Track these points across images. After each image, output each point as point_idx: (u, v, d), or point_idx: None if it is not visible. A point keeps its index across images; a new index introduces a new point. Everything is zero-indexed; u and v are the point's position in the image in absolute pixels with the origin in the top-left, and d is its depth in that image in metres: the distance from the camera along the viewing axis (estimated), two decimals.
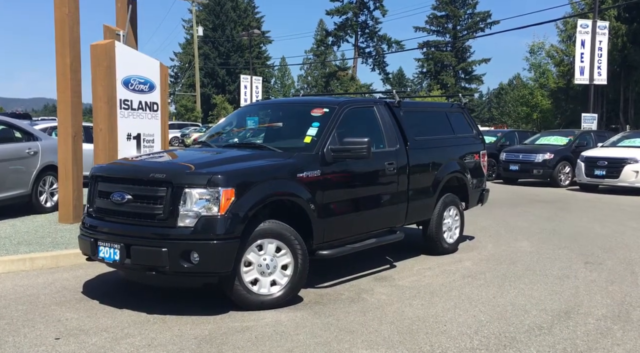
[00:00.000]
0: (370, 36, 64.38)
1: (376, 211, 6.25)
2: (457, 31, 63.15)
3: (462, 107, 8.26)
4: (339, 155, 5.69)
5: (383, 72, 66.93)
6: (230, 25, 61.91)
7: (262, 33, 65.91)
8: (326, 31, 65.63)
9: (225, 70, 61.84)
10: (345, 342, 4.39)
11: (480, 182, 8.18)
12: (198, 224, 4.71)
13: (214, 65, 62.03)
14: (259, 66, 65.31)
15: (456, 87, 61.43)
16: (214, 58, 62.39)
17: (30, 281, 5.98)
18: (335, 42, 65.04)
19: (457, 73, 63.90)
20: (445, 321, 4.89)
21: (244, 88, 36.88)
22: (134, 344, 4.25)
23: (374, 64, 66.22)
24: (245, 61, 62.59)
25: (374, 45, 65.34)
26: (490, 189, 8.88)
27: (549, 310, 5.23)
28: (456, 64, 63.01)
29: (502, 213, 11.51)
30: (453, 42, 63.25)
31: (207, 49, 62.15)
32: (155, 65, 9.07)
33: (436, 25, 63.21)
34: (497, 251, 7.78)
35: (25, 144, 9.23)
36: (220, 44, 62.68)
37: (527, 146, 19.70)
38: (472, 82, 64.94)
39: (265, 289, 5.10)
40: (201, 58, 60.70)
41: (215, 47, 62.69)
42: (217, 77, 61.97)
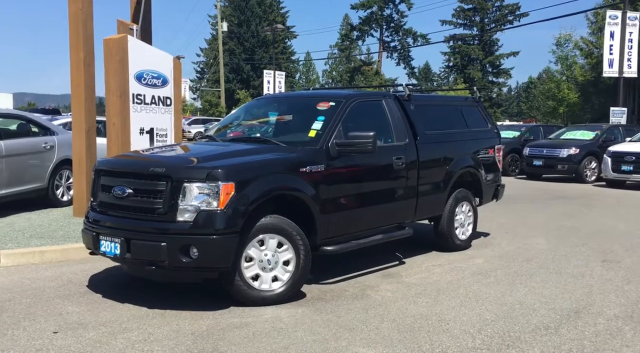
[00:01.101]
0: (395, 30, 63.92)
1: (383, 207, 6.14)
2: (485, 24, 62.19)
3: (477, 100, 8.08)
4: (344, 149, 5.59)
5: (408, 66, 66.42)
6: (255, 21, 62.01)
7: (287, 28, 65.91)
8: (351, 25, 65.31)
9: (250, 66, 61.98)
10: (344, 339, 4.31)
11: (495, 177, 8.01)
12: (197, 219, 4.67)
13: (239, 60, 62.20)
14: (283, 61, 65.32)
15: (483, 81, 60.61)
16: (239, 53, 62.57)
17: (38, 274, 6.02)
18: (360, 37, 64.76)
19: (484, 67, 62.96)
20: (449, 319, 4.78)
21: (267, 83, 36.89)
22: (130, 339, 4.24)
23: (399, 58, 65.77)
24: (270, 56, 62.70)
25: (399, 39, 64.89)
26: (507, 185, 8.70)
27: (558, 310, 5.07)
28: (483, 58, 62.08)
29: (521, 209, 11.29)
30: (480, 35, 62.33)
31: (233, 44, 62.35)
32: (169, 60, 9.07)
33: (463, 18, 62.34)
34: (511, 248, 7.61)
35: (41, 139, 9.33)
36: (245, 40, 62.82)
37: (551, 141, 19.33)
38: (500, 75, 63.92)
39: (266, 285, 5.05)
40: (226, 53, 60.92)
41: (240, 43, 62.84)
42: (242, 72, 62.14)
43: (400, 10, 63.24)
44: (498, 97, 65.74)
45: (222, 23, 45.06)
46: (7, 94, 42.61)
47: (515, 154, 19.88)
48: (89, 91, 8.60)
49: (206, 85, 64.25)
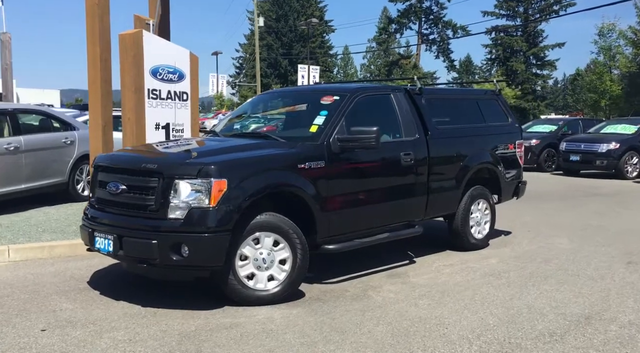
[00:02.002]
0: (434, 22, 62.87)
1: (390, 204, 5.94)
2: (529, 14, 60.45)
3: (497, 94, 7.77)
4: (346, 145, 5.41)
5: (448, 59, 65.26)
6: (293, 15, 61.98)
7: (325, 22, 65.64)
8: (389, 18, 64.54)
9: (287, 60, 62.03)
10: (333, 343, 4.15)
11: (515, 174, 7.69)
12: (188, 216, 4.57)
13: (277, 55, 62.30)
14: (321, 56, 65.09)
15: (526, 73, 59.00)
16: (276, 48, 62.67)
17: (42, 269, 6.04)
18: (398, 30, 63.90)
19: (527, 59, 61.18)
20: (448, 323, 4.57)
21: (302, 78, 36.82)
22: (116, 338, 4.17)
23: (438, 51, 64.66)
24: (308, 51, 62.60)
25: (439, 32, 63.81)
26: (540, 181, 8.35)
27: (568, 315, 4.80)
28: (527, 49, 60.31)
29: (549, 207, 10.89)
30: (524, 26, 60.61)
31: (270, 39, 62.47)
32: (185, 55, 9.00)
33: (506, 8, 60.68)
34: (531, 248, 7.30)
35: (62, 134, 9.42)
36: (283, 34, 62.86)
37: (590, 135, 18.66)
38: (545, 68, 62.03)
39: (261, 284, 4.92)
40: (264, 48, 61.08)
41: (278, 38, 62.92)
42: (279, 67, 62.26)
43: (439, 2, 62.14)
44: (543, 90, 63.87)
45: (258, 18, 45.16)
46: (54, 90, 43.69)
47: (552, 149, 19.28)
48: (106, 87, 8.59)
49: (244, 80, 64.62)
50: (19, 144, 8.53)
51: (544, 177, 17.20)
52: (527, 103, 56.06)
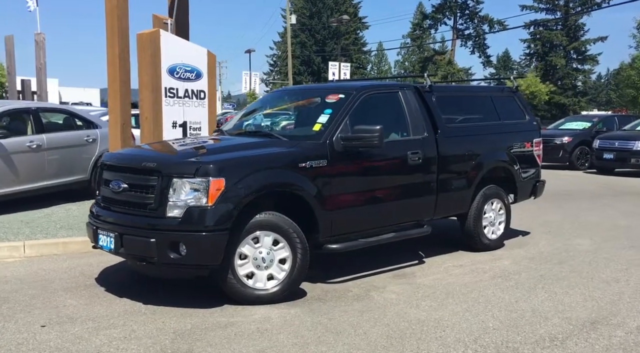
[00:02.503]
0: (470, 17, 61.92)
1: (396, 204, 5.86)
2: (569, 8, 58.90)
3: (514, 90, 7.60)
4: (349, 144, 5.37)
5: (483, 54, 64.23)
6: (327, 13, 61.85)
7: (359, 19, 65.34)
8: (424, 14, 63.89)
9: (320, 58, 61.99)
10: (325, 344, 4.12)
11: (532, 173, 7.51)
12: (186, 215, 4.60)
13: (310, 52, 62.33)
14: (354, 52, 64.84)
15: (567, 68, 57.60)
16: (310, 46, 62.68)
17: (55, 265, 6.16)
18: (432, 25, 63.20)
19: (568, 53, 59.64)
20: (447, 326, 4.49)
21: (332, 75, 36.72)
22: (111, 335, 4.22)
23: (474, 47, 63.71)
24: (341, 48, 62.38)
25: (474, 27, 62.85)
26: (572, 179, 8.11)
27: (573, 319, 4.67)
28: (567, 44, 58.77)
29: (576, 206, 10.62)
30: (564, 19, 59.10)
31: (304, 36, 62.53)
32: (203, 53, 9.06)
33: (545, 2, 59.29)
34: (548, 249, 7.13)
35: (84, 132, 9.60)
36: (316, 32, 62.83)
37: (625, 132, 18.13)
38: (586, 62, 60.33)
39: (261, 283, 4.92)
40: (297, 46, 61.19)
41: (311, 35, 62.92)
42: (312, 64, 62.25)
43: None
44: (584, 85, 62.18)
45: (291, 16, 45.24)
46: (95, 89, 44.60)
47: (585, 147, 18.81)
48: (124, 86, 8.72)
49: (278, 78, 64.88)
50: (42, 141, 8.72)
51: (575, 175, 16.81)
52: (567, 99, 54.75)
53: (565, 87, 56.38)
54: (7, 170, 8.22)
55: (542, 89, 44.01)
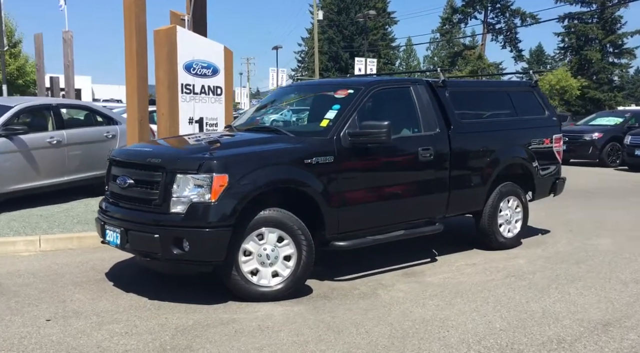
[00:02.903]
0: (501, 11, 60.96)
1: (406, 201, 5.78)
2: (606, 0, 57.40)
3: (533, 85, 7.41)
4: (356, 140, 5.29)
5: (515, 49, 63.22)
6: (355, 8, 61.51)
7: (388, 14, 64.90)
8: (453, 8, 63.14)
9: (348, 54, 61.76)
10: (325, 342, 4.07)
11: (552, 170, 7.33)
12: (189, 211, 4.59)
13: (338, 48, 62.15)
14: (382, 48, 64.44)
15: (602, 62, 56.18)
16: (338, 42, 62.50)
17: (68, 259, 6.23)
18: (462, 20, 62.45)
19: (603, 47, 58.06)
20: (452, 326, 4.40)
21: (358, 71, 36.59)
22: (113, 331, 4.23)
23: (505, 41, 62.75)
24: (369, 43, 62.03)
25: (506, 21, 61.88)
26: (601, 177, 7.89)
27: (585, 321, 4.53)
28: (603, 37, 57.22)
29: (602, 205, 10.36)
30: (600, 12, 57.63)
31: (332, 32, 62.34)
32: (220, 49, 9.07)
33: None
34: (567, 248, 6.95)
35: (104, 128, 9.70)
36: (344, 27, 62.58)
37: None
38: (623, 56, 58.71)
39: (265, 280, 4.89)
40: (325, 42, 61.00)
41: (339, 31, 62.70)
42: (340, 60, 62.03)
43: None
44: (621, 80, 60.65)
45: (318, 11, 45.16)
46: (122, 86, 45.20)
47: (617, 143, 18.34)
48: (142, 82, 8.77)
49: (306, 74, 64.84)
50: (62, 137, 8.84)
51: (605, 172, 16.40)
52: (603, 94, 53.46)
53: (601, 81, 55.04)
54: (28, 165, 8.35)
55: (573, 84, 43.07)
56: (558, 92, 42.53)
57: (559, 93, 42.64)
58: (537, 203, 8.50)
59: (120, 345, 3.99)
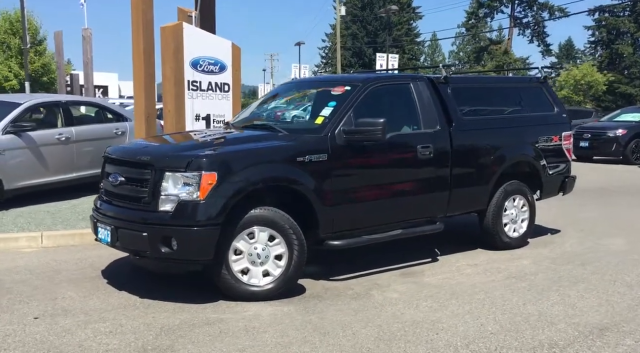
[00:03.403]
0: (529, 4, 59.94)
1: (404, 200, 5.66)
2: None
3: (542, 81, 7.21)
4: (351, 137, 5.20)
5: (543, 43, 62.15)
6: (378, 3, 61.07)
7: (412, 9, 64.33)
8: (479, 2, 62.24)
9: (372, 49, 61.38)
10: (309, 344, 4.00)
11: (561, 168, 7.13)
12: (177, 209, 4.55)
13: (362, 44, 61.83)
14: (407, 43, 63.94)
15: (634, 56, 54.79)
16: (361, 37, 62.19)
17: (67, 256, 6.25)
18: (488, 14, 61.58)
19: (635, 41, 56.63)
20: (441, 328, 4.29)
21: (379, 66, 36.30)
22: (98, 330, 4.21)
23: (532, 35, 61.72)
24: (393, 39, 61.57)
25: (533, 14, 60.84)
26: (624, 174, 7.65)
27: (581, 325, 4.38)
28: (635, 31, 55.80)
29: (620, 203, 10.10)
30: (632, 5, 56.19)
31: (355, 28, 62.06)
32: (227, 46, 9.03)
33: None
34: (575, 249, 6.76)
35: (113, 125, 9.75)
36: (368, 23, 62.24)
37: None
38: None
39: (256, 279, 4.83)
40: (349, 38, 60.79)
41: (363, 26, 62.40)
42: (364, 56, 61.71)
43: None
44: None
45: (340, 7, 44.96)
46: None
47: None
48: (149, 79, 8.77)
49: (330, 70, 64.67)
50: (70, 134, 8.90)
51: (628, 170, 15.99)
52: (634, 89, 52.23)
53: (632, 76, 53.73)
54: (36, 162, 8.42)
55: (599, 79, 42.13)
56: (583, 87, 41.67)
57: (584, 88, 41.78)
58: (550, 202, 8.33)
59: (102, 344, 3.97)
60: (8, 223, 7.27)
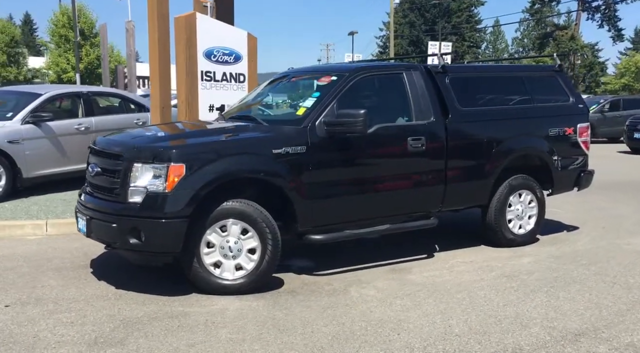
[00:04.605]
0: None
1: (391, 194, 5.45)
2: None
3: (557, 70, 6.80)
4: (332, 129, 5.04)
5: (614, 28, 59.28)
6: None
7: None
8: None
9: (429, 37, 60.25)
10: (261, 342, 3.91)
11: (576, 162, 6.72)
12: (145, 201, 4.53)
13: (419, 32, 60.74)
14: (467, 31, 62.38)
15: None
16: (419, 25, 61.10)
17: (65, 245, 6.37)
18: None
19: None
20: (405, 328, 4.11)
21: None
22: (60, 320, 4.24)
23: (602, 19, 58.97)
24: (453, 26, 60.20)
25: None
26: None
27: (557, 329, 4.11)
28: None
29: None
30: None
31: (413, 16, 61.05)
32: (243, 36, 8.99)
33: None
34: (587, 247, 6.38)
35: (134, 115, 9.89)
36: (426, 10, 61.11)
37: None
38: None
39: (228, 273, 4.77)
40: (406, 26, 59.87)
41: (421, 14, 61.30)
42: (421, 44, 60.67)
43: None
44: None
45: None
46: None
47: None
48: (164, 70, 8.83)
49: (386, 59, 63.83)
50: (90, 124, 9.09)
51: None
52: None
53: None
54: (55, 151, 8.64)
55: None
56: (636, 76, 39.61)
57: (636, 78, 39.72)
58: (577, 197, 7.99)
59: (57, 335, 3.99)
60: (20, 210, 7.51)
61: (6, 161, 8.07)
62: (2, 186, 8.06)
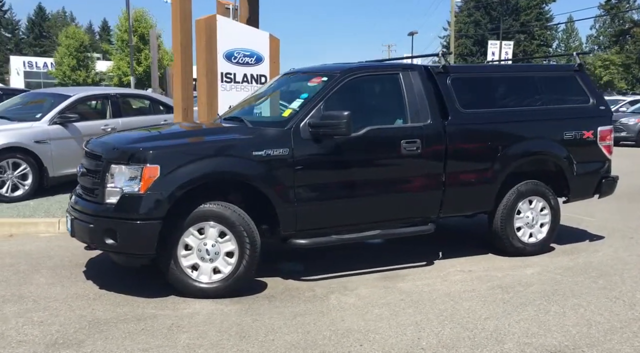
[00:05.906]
0: None
1: (383, 199, 5.24)
2: None
3: (576, 69, 6.38)
4: (316, 131, 4.91)
5: None
6: None
7: None
8: None
9: (495, 36, 58.64)
10: (218, 348, 3.83)
11: (595, 168, 6.28)
12: (120, 202, 4.54)
13: (484, 31, 59.23)
14: (537, 29, 60.32)
15: None
16: (484, 24, 59.60)
17: (69, 243, 6.35)
18: None
19: None
20: (370, 340, 3.94)
21: (491, 55, 34.51)
22: (32, 319, 4.29)
23: None
24: (520, 24, 58.38)
25: None
26: None
27: (532, 346, 3.84)
28: None
29: None
30: None
31: (478, 15, 59.65)
32: (264, 37, 8.96)
33: None
34: (604, 259, 5.95)
35: (161, 116, 10.03)
36: (492, 9, 59.55)
37: None
38: None
39: (205, 276, 4.72)
40: (471, 25, 58.58)
41: (487, 12, 59.79)
42: (486, 44, 59.14)
43: None
44: None
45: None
46: None
47: None
48: (186, 72, 8.93)
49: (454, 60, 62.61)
50: (117, 125, 9.30)
51: None
52: None
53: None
54: (80, 151, 8.85)
55: None
56: None
57: None
58: (613, 204, 7.53)
59: (21, 334, 4.04)
60: (41, 208, 7.74)
61: (33, 160, 8.36)
62: (28, 184, 8.35)
